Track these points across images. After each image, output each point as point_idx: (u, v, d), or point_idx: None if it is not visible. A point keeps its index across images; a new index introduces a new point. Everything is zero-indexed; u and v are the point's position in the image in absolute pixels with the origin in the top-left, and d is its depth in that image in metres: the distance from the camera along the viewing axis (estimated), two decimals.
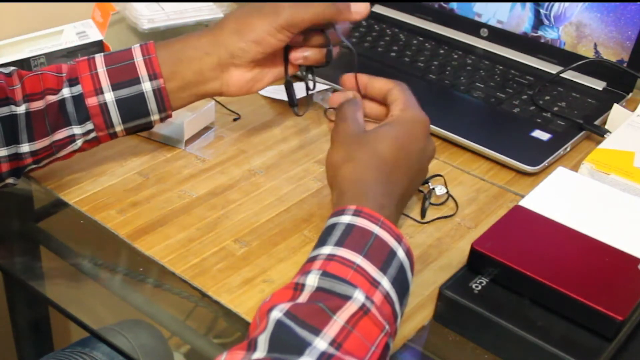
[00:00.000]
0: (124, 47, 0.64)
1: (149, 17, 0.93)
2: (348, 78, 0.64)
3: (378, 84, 0.63)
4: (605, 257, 0.55)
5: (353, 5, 0.64)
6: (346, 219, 0.50)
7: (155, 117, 0.64)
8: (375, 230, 0.50)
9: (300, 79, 0.69)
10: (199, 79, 0.64)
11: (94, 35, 0.86)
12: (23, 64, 0.80)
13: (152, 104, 0.63)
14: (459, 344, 0.55)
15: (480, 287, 0.55)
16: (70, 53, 0.84)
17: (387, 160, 0.56)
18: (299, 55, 0.66)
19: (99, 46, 0.85)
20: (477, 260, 0.56)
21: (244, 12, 0.64)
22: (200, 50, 0.63)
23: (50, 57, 0.82)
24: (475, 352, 0.54)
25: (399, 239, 0.50)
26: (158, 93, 0.63)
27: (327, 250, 0.49)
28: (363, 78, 0.64)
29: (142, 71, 0.62)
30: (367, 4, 0.65)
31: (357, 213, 0.50)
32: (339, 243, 0.49)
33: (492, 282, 0.55)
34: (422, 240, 0.64)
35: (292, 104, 0.69)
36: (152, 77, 0.62)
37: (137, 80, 0.62)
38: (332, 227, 0.50)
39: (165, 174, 0.71)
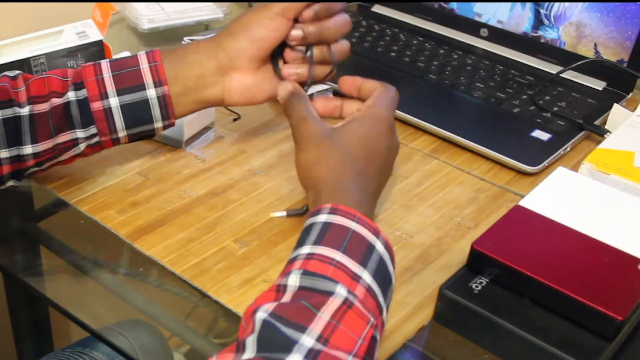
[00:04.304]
0: (124, 47, 0.64)
1: (149, 17, 0.93)
2: (345, 81, 0.65)
3: (369, 85, 0.64)
4: (605, 257, 0.55)
5: None
6: (322, 217, 0.51)
7: (158, 124, 0.64)
8: (352, 226, 0.50)
9: None
10: (200, 84, 0.64)
11: (94, 35, 0.86)
12: (23, 64, 0.80)
13: (155, 111, 0.63)
14: (459, 344, 0.55)
15: (480, 287, 0.55)
16: (70, 53, 0.84)
17: (358, 157, 0.57)
18: (291, 72, 0.66)
19: (99, 46, 0.85)
20: (477, 260, 0.56)
21: (240, 15, 0.65)
22: (200, 54, 0.64)
23: (50, 57, 0.82)
24: (475, 352, 0.54)
25: (376, 232, 0.51)
26: (162, 100, 0.63)
27: (305, 249, 0.49)
28: (357, 80, 0.64)
29: (148, 78, 0.62)
30: None
31: (332, 211, 0.51)
32: (317, 242, 0.49)
33: (492, 282, 0.55)
34: (422, 240, 0.64)
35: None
36: (157, 84, 0.62)
37: (142, 87, 0.62)
38: (310, 227, 0.51)
39: (165, 174, 0.71)
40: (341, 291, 0.46)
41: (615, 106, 0.81)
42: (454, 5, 0.99)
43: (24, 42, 0.84)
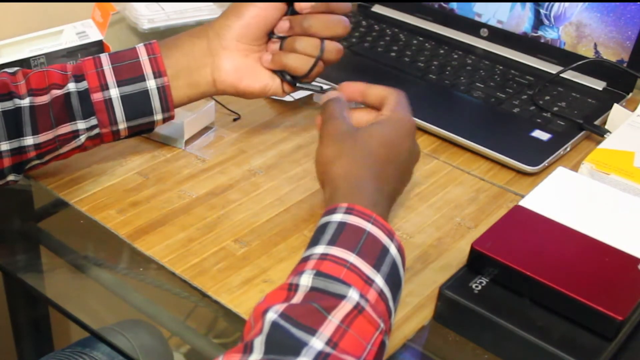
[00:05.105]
0: (124, 47, 0.64)
1: (149, 17, 0.93)
2: (346, 86, 0.65)
3: (376, 90, 0.64)
4: (605, 257, 0.55)
5: None
6: (338, 217, 0.50)
7: (158, 116, 0.64)
8: (368, 227, 0.50)
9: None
10: (192, 64, 0.65)
11: (94, 35, 0.86)
12: (23, 64, 0.80)
13: (155, 102, 0.63)
14: (459, 344, 0.55)
15: (480, 287, 0.55)
16: (70, 53, 0.84)
17: (379, 158, 0.57)
18: (266, 58, 0.66)
19: (99, 46, 0.85)
20: (477, 260, 0.56)
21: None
22: (193, 36, 0.66)
23: (50, 57, 0.82)
24: (475, 352, 0.54)
25: (391, 235, 0.50)
26: (162, 91, 0.63)
27: (319, 249, 0.49)
28: (360, 86, 0.64)
29: (147, 69, 0.63)
30: None
31: (349, 211, 0.51)
32: (332, 242, 0.49)
33: (492, 282, 0.55)
34: (422, 240, 0.64)
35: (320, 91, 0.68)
36: (157, 74, 0.63)
37: (142, 78, 0.63)
38: (325, 226, 0.51)
39: (165, 174, 0.71)
40: (353, 295, 0.46)
41: (615, 106, 0.81)
42: (454, 5, 0.99)
43: (24, 42, 0.84)
